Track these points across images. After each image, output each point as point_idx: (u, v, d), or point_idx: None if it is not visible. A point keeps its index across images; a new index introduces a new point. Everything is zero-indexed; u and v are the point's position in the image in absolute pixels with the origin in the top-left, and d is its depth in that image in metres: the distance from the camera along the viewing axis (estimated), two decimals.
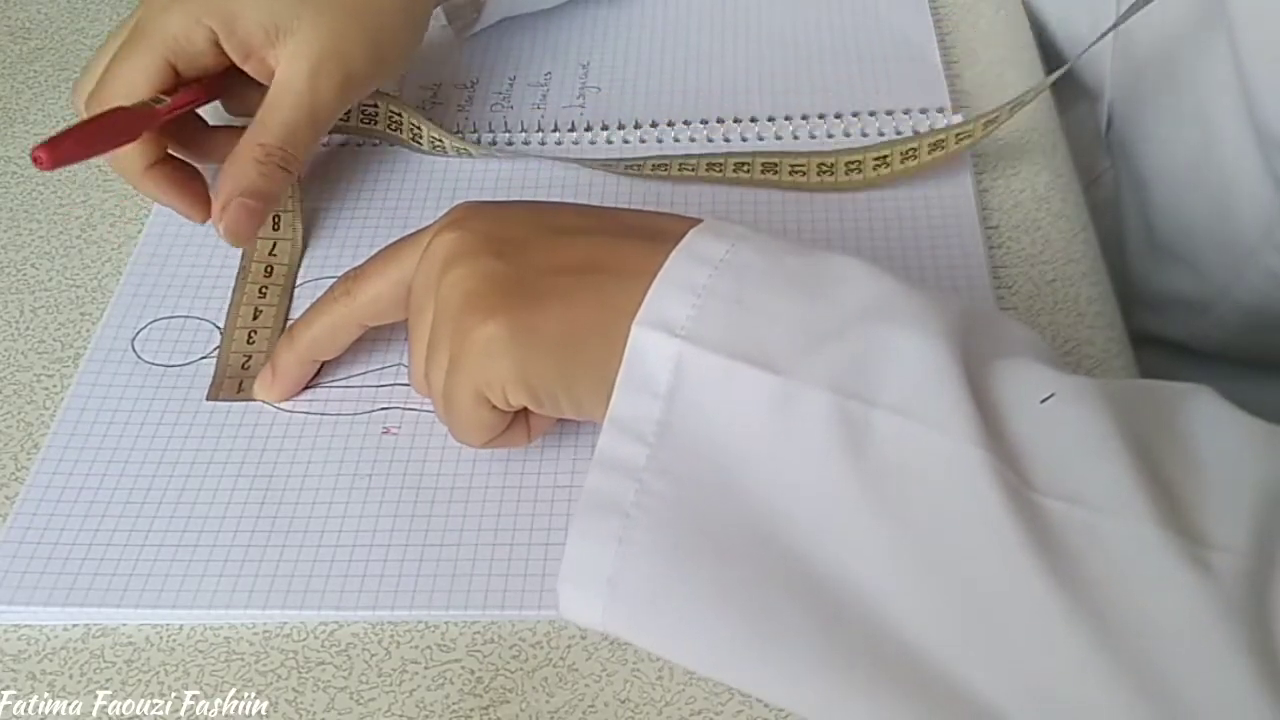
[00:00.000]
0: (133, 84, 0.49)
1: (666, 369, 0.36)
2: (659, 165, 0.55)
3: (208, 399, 0.48)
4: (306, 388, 0.48)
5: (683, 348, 0.36)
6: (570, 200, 0.55)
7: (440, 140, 0.56)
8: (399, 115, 0.56)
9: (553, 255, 0.40)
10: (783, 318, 0.36)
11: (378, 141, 0.58)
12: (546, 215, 0.42)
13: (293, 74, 0.50)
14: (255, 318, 0.51)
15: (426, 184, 0.56)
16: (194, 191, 0.52)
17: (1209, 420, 0.35)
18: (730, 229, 0.39)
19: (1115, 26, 0.50)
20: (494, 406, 0.40)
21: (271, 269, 0.52)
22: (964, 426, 0.33)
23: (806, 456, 0.35)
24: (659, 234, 0.39)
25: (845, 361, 0.35)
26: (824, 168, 0.53)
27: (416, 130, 0.56)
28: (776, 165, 0.54)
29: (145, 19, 0.49)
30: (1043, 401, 0.34)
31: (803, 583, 0.35)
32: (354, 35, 0.51)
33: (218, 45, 0.50)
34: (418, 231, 0.43)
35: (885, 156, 0.53)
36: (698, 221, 0.39)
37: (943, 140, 0.52)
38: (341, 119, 0.57)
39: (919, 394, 0.34)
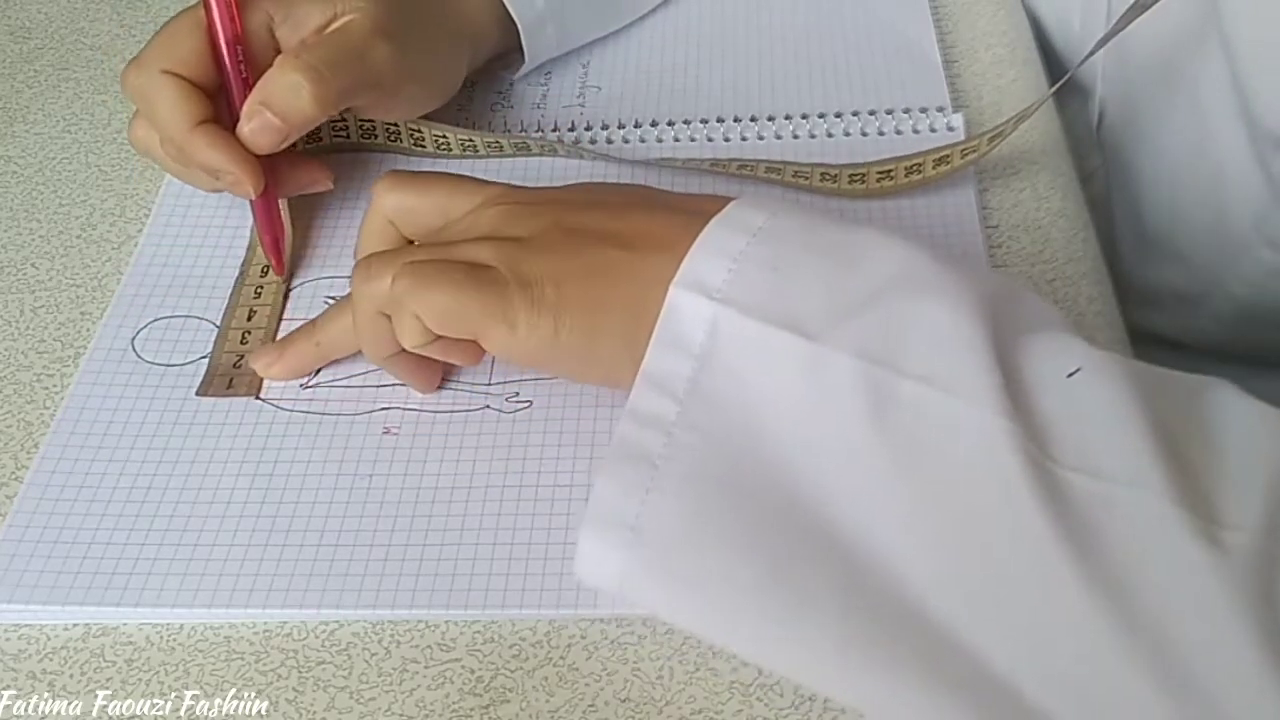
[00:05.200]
0: (161, 45, 0.49)
1: (701, 330, 0.37)
2: (688, 162, 0.55)
3: (197, 394, 0.48)
4: (306, 387, 0.48)
5: (718, 310, 0.37)
6: None
7: (445, 137, 0.56)
8: (395, 125, 0.56)
9: (608, 227, 0.41)
10: (816, 285, 0.37)
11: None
12: (599, 190, 0.44)
13: (355, 27, 0.50)
14: (250, 319, 0.51)
15: None
16: (243, 151, 0.49)
17: (1228, 408, 0.36)
18: (770, 202, 0.40)
19: (1110, 37, 0.50)
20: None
21: (267, 269, 0.52)
22: (988, 396, 0.34)
23: (832, 421, 0.36)
24: (700, 211, 0.40)
25: (875, 330, 0.36)
26: (827, 175, 0.53)
27: (417, 135, 0.56)
28: (780, 170, 0.54)
29: None
30: (1069, 376, 0.35)
31: (824, 543, 0.35)
32: (415, 37, 0.52)
33: (272, 33, 0.50)
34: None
35: (890, 171, 0.52)
36: (734, 199, 0.41)
37: (948, 156, 0.52)
38: (341, 135, 0.57)
39: (945, 364, 0.35)
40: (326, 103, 0.49)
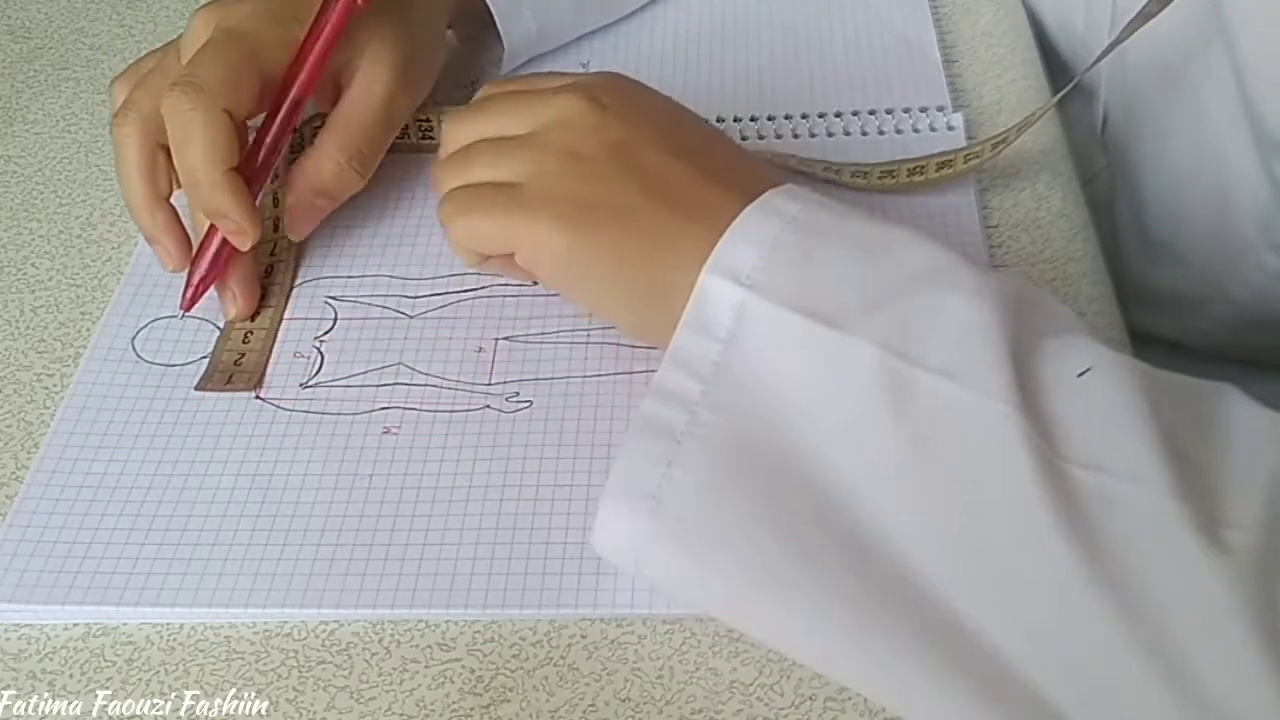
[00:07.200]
0: (224, 79, 0.47)
1: (729, 315, 0.38)
2: None
3: (196, 388, 0.48)
4: (306, 387, 0.48)
5: (746, 296, 0.38)
6: None
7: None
8: (427, 120, 0.56)
9: (652, 173, 0.43)
10: (844, 275, 0.38)
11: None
12: (673, 123, 0.45)
13: (375, 84, 0.51)
14: (253, 318, 0.51)
15: (426, 186, 0.56)
16: (253, 205, 0.48)
17: (1234, 411, 0.36)
18: (807, 194, 0.41)
19: (1115, 45, 0.50)
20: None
21: (271, 269, 0.52)
22: (1000, 390, 0.35)
23: (851, 409, 0.37)
24: (748, 190, 0.41)
25: (896, 322, 0.37)
26: (830, 168, 0.53)
27: (425, 124, 0.56)
28: (784, 162, 0.54)
29: (235, 25, 0.49)
30: (1080, 375, 0.36)
31: (839, 526, 0.36)
32: (416, 53, 0.53)
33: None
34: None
35: (892, 171, 0.53)
36: (782, 181, 0.42)
37: (951, 160, 0.52)
38: None
39: (962, 357, 0.36)
40: (370, 171, 0.52)
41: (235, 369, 0.49)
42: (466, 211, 0.45)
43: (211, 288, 0.50)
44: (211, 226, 0.49)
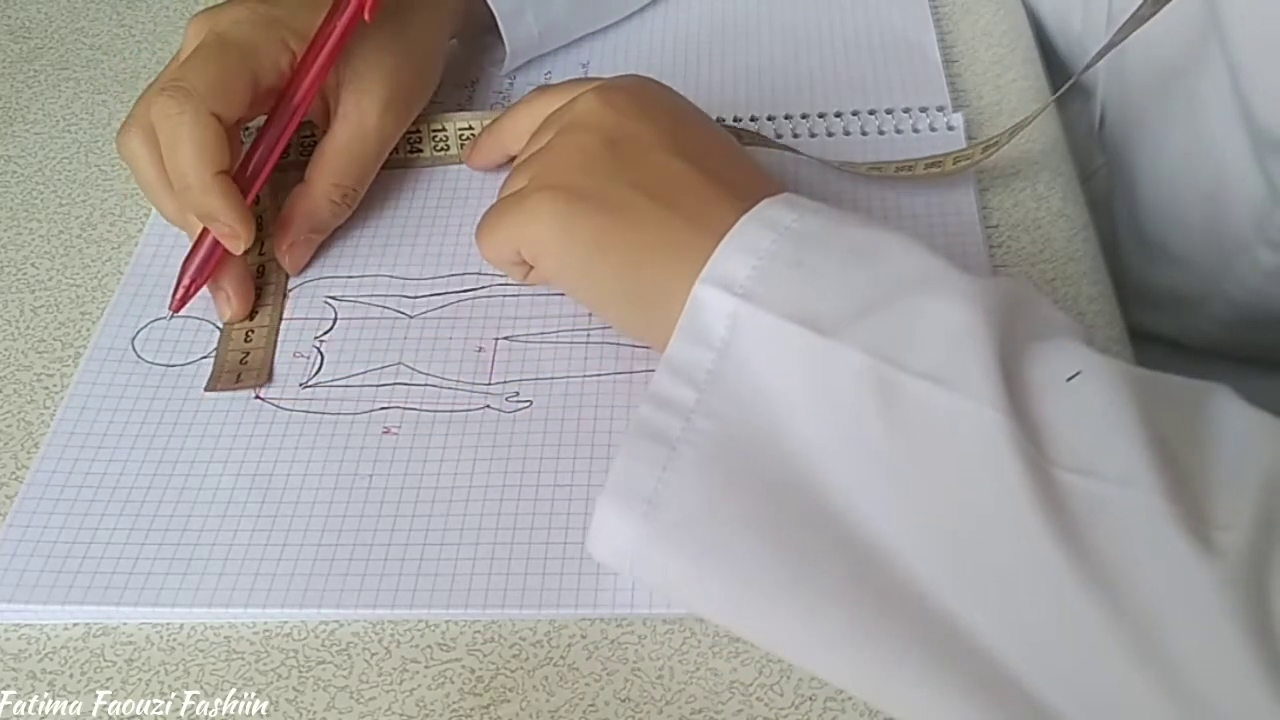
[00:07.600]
0: (212, 83, 0.47)
1: (723, 324, 0.39)
2: None
3: (205, 389, 0.48)
4: (306, 387, 0.48)
5: (740, 305, 0.39)
6: None
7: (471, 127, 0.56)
8: (416, 131, 0.56)
9: (652, 173, 0.43)
10: (835, 282, 0.38)
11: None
12: (680, 125, 0.46)
13: (366, 113, 0.51)
14: (252, 317, 0.51)
15: (426, 186, 0.56)
16: (247, 209, 0.48)
17: (1225, 413, 0.36)
18: (805, 203, 0.41)
19: (1109, 48, 0.50)
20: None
21: (264, 268, 0.52)
22: (988, 394, 0.35)
23: (842, 415, 0.37)
24: (749, 194, 0.41)
25: (887, 327, 0.37)
26: (815, 162, 0.53)
27: (415, 136, 0.56)
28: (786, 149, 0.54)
29: (226, 31, 0.49)
30: (1069, 379, 0.36)
31: (834, 532, 0.36)
32: (408, 71, 0.53)
33: (289, 70, 0.50)
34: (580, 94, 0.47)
35: (879, 167, 0.53)
36: (781, 188, 0.43)
37: (939, 161, 0.52)
38: None
39: (950, 361, 0.36)
40: (357, 204, 0.53)
41: (242, 367, 0.49)
42: (487, 227, 0.47)
43: (204, 289, 0.50)
44: (203, 228, 0.49)
